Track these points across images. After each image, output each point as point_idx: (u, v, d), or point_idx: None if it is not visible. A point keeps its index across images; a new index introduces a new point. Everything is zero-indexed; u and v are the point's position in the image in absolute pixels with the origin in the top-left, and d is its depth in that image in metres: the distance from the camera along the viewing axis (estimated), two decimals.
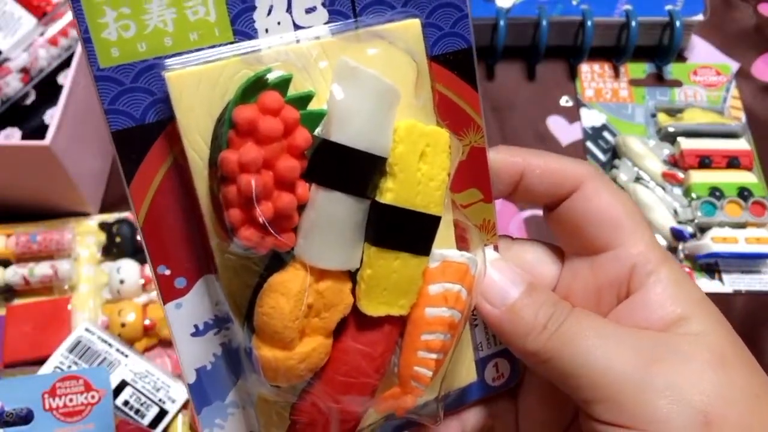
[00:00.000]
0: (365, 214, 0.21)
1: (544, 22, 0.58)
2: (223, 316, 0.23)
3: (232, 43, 0.21)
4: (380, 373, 0.23)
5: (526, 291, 0.24)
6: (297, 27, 0.21)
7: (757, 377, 0.23)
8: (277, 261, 0.21)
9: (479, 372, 0.27)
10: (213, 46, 0.21)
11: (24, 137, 0.52)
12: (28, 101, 0.54)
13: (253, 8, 0.21)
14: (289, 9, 0.21)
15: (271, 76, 0.20)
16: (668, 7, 0.59)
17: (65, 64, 0.54)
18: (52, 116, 0.47)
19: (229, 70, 0.20)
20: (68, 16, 0.55)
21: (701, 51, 0.64)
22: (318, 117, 0.20)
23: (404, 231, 0.22)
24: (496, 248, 0.26)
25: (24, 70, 0.53)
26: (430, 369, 0.23)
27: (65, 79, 0.49)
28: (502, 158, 0.25)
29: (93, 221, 0.52)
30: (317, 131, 0.21)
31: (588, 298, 0.25)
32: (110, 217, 0.52)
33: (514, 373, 0.28)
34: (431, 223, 0.22)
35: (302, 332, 0.21)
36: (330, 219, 0.21)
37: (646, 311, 0.24)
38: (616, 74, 0.62)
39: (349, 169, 0.21)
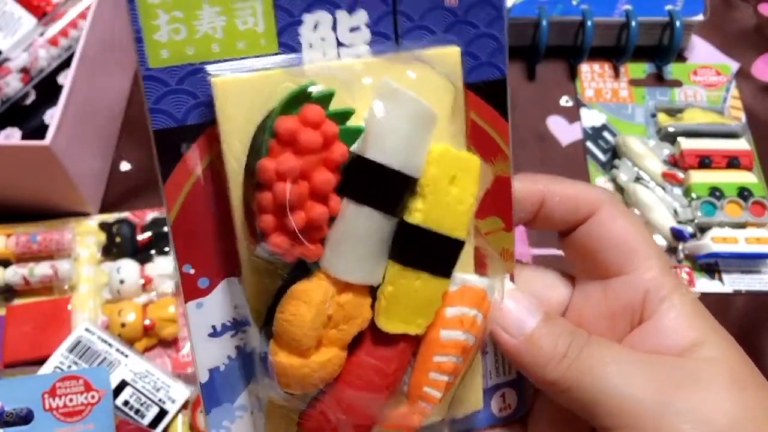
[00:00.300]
0: (392, 232, 0.22)
1: (544, 22, 0.58)
2: (241, 319, 0.24)
3: (276, 54, 0.21)
4: (391, 390, 0.24)
5: (543, 320, 0.24)
6: (340, 44, 0.22)
7: None
8: (301, 269, 0.22)
9: (486, 401, 0.27)
10: (258, 56, 0.21)
11: (24, 137, 0.52)
12: (28, 101, 0.54)
13: (300, 23, 0.22)
14: (334, 26, 0.22)
15: (314, 90, 0.20)
16: (668, 7, 0.59)
17: (65, 64, 0.54)
18: (52, 116, 0.47)
19: (273, 81, 0.21)
20: (68, 17, 0.55)
21: (701, 51, 0.64)
22: (355, 133, 0.21)
23: (429, 252, 0.22)
24: (512, 277, 0.26)
25: (24, 70, 0.53)
26: (440, 390, 0.24)
27: (65, 79, 0.49)
28: (525, 187, 0.26)
29: (93, 221, 0.52)
30: (353, 147, 0.21)
31: (601, 323, 0.26)
32: (110, 217, 0.53)
33: (521, 404, 0.28)
34: (455, 246, 0.23)
35: (319, 342, 0.22)
36: (358, 233, 0.21)
37: (660, 337, 0.24)
38: (616, 74, 0.62)
39: (381, 186, 0.21)
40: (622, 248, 0.25)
